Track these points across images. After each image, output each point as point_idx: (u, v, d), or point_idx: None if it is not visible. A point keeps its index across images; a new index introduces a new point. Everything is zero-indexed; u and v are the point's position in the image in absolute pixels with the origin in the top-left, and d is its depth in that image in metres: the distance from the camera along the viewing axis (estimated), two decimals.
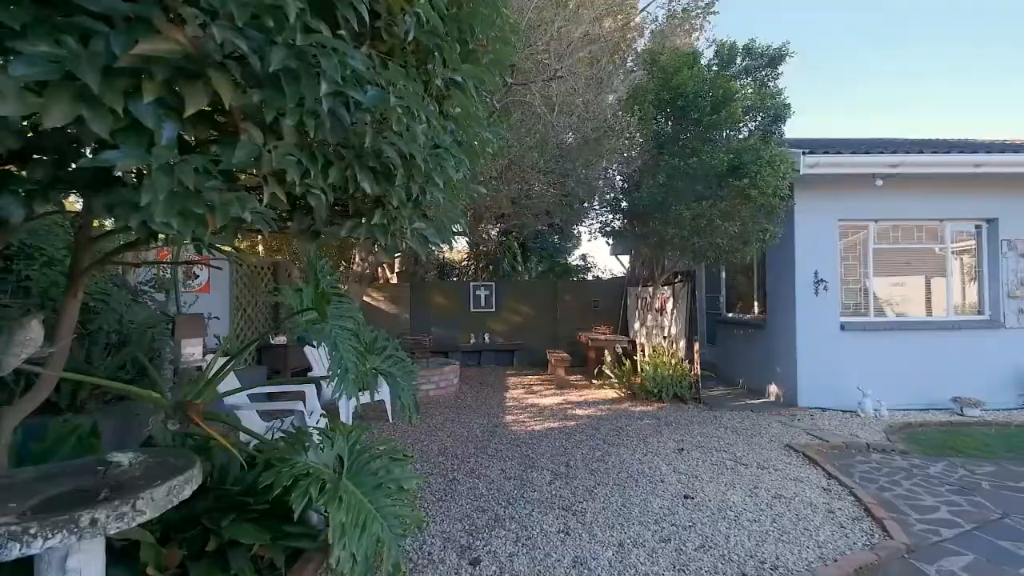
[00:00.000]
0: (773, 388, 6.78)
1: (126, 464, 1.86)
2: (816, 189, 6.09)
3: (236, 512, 2.19)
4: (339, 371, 2.32)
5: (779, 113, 5.72)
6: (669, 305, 7.37)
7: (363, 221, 1.56)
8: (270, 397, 5.72)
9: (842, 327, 6.22)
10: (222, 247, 1.89)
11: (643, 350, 7.29)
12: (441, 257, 16.90)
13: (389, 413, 5.71)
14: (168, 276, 4.16)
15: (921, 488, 3.66)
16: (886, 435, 5.01)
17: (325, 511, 2.01)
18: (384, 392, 5.68)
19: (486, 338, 10.33)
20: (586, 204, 6.17)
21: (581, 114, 4.82)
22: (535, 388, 7.64)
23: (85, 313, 2.94)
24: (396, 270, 12.14)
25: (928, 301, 6.62)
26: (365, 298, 10.33)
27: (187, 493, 1.77)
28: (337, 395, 2.34)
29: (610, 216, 6.90)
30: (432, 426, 5.47)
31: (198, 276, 6.18)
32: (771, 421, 5.56)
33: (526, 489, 3.66)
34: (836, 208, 6.20)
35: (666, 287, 7.45)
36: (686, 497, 3.45)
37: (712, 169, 5.07)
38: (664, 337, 7.38)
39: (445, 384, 7.08)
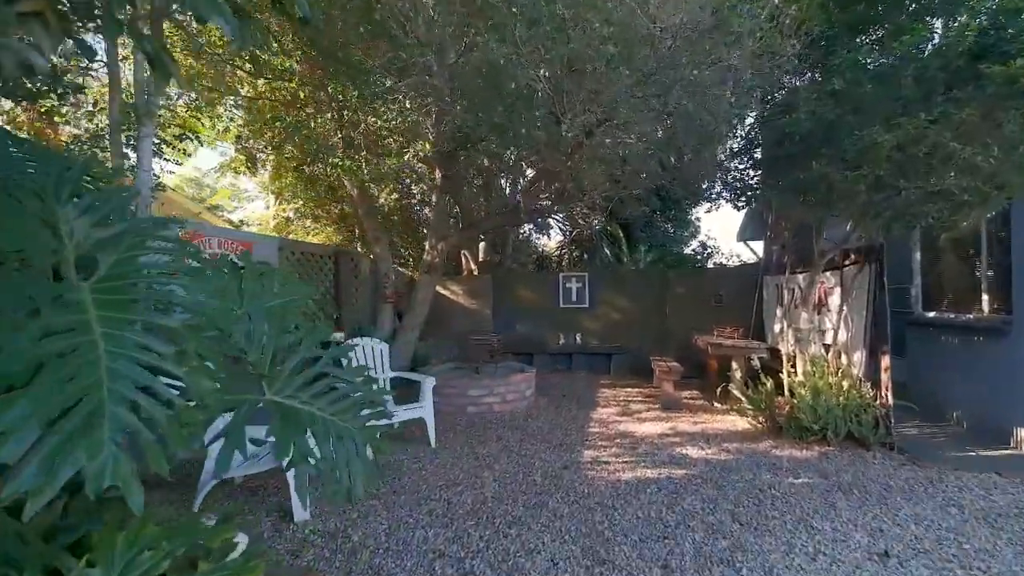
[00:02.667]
0: None
1: None
2: None
3: None
4: (77, 409, 0.97)
5: None
6: (835, 298, 5.05)
7: None
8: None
9: None
10: None
11: (792, 363, 5.09)
12: (541, 248, 15.53)
13: (431, 436, 4.41)
14: None
15: None
16: None
17: None
18: (425, 411, 4.41)
19: (577, 339, 8.67)
20: (705, 146, 4.22)
21: None
22: (633, 407, 5.83)
23: None
24: (480, 259, 10.99)
25: None
26: (443, 291, 9.34)
27: None
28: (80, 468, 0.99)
29: (738, 169, 4.84)
30: (480, 459, 4.04)
31: None
32: None
33: None
34: None
35: (830, 272, 5.14)
36: None
37: (939, 56, 2.87)
38: (825, 345, 5.09)
39: (514, 397, 5.63)
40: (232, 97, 6.81)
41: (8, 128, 5.83)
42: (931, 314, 5.76)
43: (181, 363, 1.21)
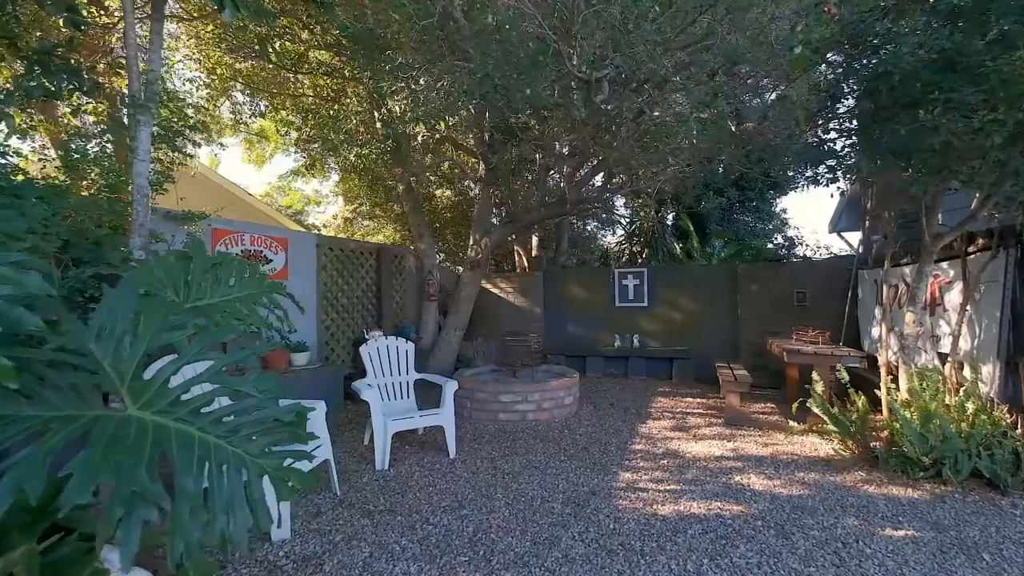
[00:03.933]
0: None
1: None
2: None
3: None
4: None
5: None
6: (954, 295, 3.98)
7: None
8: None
9: None
10: None
11: (893, 375, 4.10)
12: (606, 245, 14.71)
13: (451, 446, 4.03)
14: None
15: None
16: None
17: None
18: (444, 418, 4.04)
19: (634, 341, 7.91)
20: (770, 107, 3.39)
21: None
22: (689, 421, 5.06)
23: None
24: (532, 255, 10.50)
25: None
26: (493, 289, 8.99)
27: None
28: None
29: (817, 135, 3.92)
30: (499, 476, 3.58)
31: (271, 260, 5.49)
32: None
33: None
34: None
35: (947, 263, 4.07)
36: None
37: None
38: (941, 354, 4.03)
39: (551, 404, 5.09)
40: (291, 101, 6.89)
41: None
42: None
43: None
